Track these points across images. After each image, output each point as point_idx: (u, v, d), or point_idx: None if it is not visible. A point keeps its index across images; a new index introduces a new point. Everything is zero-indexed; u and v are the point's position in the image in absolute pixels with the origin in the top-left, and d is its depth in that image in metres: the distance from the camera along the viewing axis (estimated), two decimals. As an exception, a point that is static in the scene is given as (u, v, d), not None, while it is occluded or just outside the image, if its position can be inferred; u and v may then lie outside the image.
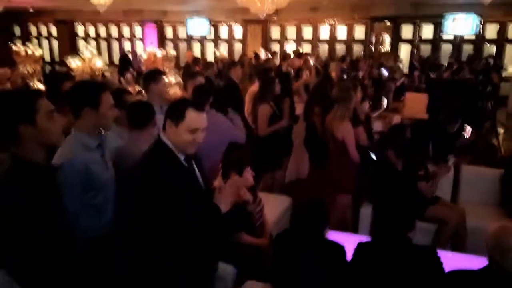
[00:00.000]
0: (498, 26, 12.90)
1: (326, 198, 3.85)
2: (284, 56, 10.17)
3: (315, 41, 14.77)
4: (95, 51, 7.03)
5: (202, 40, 16.06)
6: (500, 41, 12.98)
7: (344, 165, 4.07)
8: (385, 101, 7.56)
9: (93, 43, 16.91)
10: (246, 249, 2.73)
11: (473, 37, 12.81)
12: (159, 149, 1.91)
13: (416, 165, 3.79)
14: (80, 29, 17.74)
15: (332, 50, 14.44)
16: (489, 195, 3.73)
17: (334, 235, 2.54)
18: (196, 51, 15.78)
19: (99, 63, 6.40)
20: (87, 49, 6.57)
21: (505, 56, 12.80)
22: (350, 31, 14.36)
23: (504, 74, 11.37)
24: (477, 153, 5.36)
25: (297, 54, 10.28)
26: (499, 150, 5.27)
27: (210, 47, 16.04)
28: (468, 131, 4.79)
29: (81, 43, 16.89)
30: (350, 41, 14.40)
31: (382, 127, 6.13)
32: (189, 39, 16.14)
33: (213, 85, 5.21)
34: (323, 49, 14.52)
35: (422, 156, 3.90)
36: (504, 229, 1.89)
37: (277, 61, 10.97)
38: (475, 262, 2.15)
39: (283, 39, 15.21)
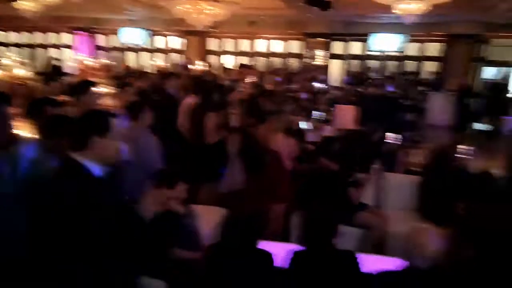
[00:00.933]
0: (419, 44, 14.12)
1: (262, 208, 3.90)
2: (225, 68, 10.26)
3: (252, 54, 15.09)
4: (18, 59, 6.56)
5: (137, 50, 15.67)
6: (420, 58, 14.20)
7: (278, 175, 4.16)
8: (317, 113, 7.89)
9: (20, 50, 15.79)
10: (179, 263, 2.67)
11: (397, 54, 13.88)
12: (66, 165, 1.88)
13: (345, 173, 3.99)
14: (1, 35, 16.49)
15: (268, 63, 14.83)
16: (409, 201, 4.00)
17: (266, 245, 2.58)
18: (131, 61, 15.36)
19: (21, 71, 5.97)
20: (7, 57, 6.12)
21: (423, 72, 14.00)
22: (286, 46, 14.89)
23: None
24: (398, 161, 5.76)
25: (242, 66, 10.41)
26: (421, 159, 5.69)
27: (145, 57, 15.70)
28: (391, 138, 5.14)
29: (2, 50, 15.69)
30: (286, 55, 14.90)
31: (315, 137, 6.38)
32: (124, 49, 15.68)
33: (148, 100, 5.08)
34: (260, 62, 14.87)
35: (350, 164, 4.12)
36: (417, 230, 2.04)
37: (216, 73, 11.03)
38: (396, 263, 2.29)
39: (220, 52, 15.35)
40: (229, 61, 14.76)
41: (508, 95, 11.85)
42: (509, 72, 15.08)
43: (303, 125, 5.87)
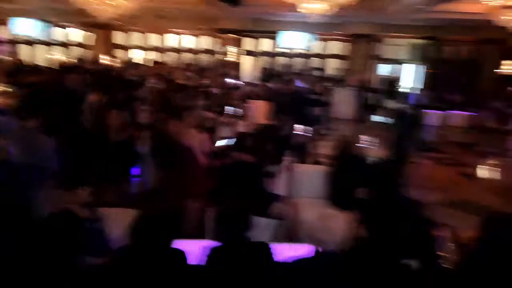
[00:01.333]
0: (323, 42, 14.99)
1: (176, 206, 3.79)
2: (133, 63, 9.77)
3: (162, 49, 14.63)
4: None
5: (32, 43, 14.20)
6: (323, 56, 15.11)
7: (192, 172, 4.08)
8: (230, 109, 7.91)
9: None
10: (85, 269, 2.47)
11: (304, 52, 14.57)
12: None
13: (259, 166, 4.06)
14: None
15: (179, 58, 14.51)
16: (318, 190, 4.21)
17: (181, 243, 2.50)
18: (26, 55, 13.87)
19: None
20: None
21: (327, 69, 14.92)
22: (197, 41, 14.70)
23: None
24: (308, 152, 6.06)
25: (155, 62, 10.01)
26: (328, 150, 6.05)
27: (42, 51, 14.30)
28: (301, 130, 5.35)
29: None
30: (197, 51, 14.72)
31: (229, 133, 6.39)
32: (17, 42, 14.09)
33: (42, 97, 4.60)
34: (171, 57, 14.49)
35: (263, 157, 4.20)
36: (325, 216, 2.14)
37: (123, 68, 10.46)
38: (308, 250, 2.37)
39: (128, 46, 14.61)
40: (138, 56, 14.13)
41: (399, 88, 13.16)
42: (400, 68, 16.79)
43: (216, 120, 5.84)
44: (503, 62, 14.82)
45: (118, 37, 14.49)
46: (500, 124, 11.30)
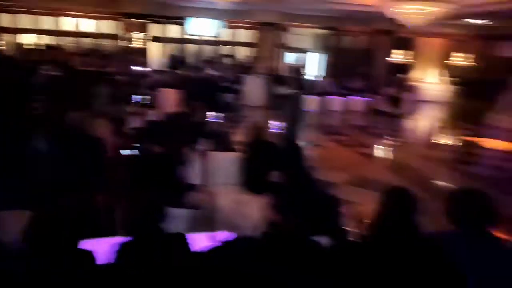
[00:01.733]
0: (232, 30, 15.03)
1: (84, 202, 3.50)
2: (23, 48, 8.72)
3: (58, 33, 13.32)
4: None
5: None
6: (233, 43, 15.18)
7: (99, 164, 3.81)
8: (138, 97, 7.55)
9: None
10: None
11: (214, 39, 14.45)
12: None
13: (171, 155, 3.92)
14: None
15: (77, 43, 13.38)
16: (232, 177, 4.23)
17: (88, 242, 2.31)
18: None
19: None
20: None
21: (237, 56, 15.03)
22: (98, 25, 13.66)
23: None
24: (221, 140, 6.06)
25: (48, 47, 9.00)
26: (236, 138, 6.11)
27: None
28: (213, 117, 5.30)
29: None
30: (99, 36, 13.71)
31: (138, 123, 6.09)
32: None
33: None
34: (66, 41, 13.27)
35: (176, 146, 4.07)
36: (241, 202, 2.14)
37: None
38: (226, 236, 2.36)
39: (17, 29, 13.03)
40: (29, 40, 12.69)
41: (305, 76, 13.79)
42: (305, 57, 17.60)
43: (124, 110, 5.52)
44: (393, 51, 16.42)
45: (4, 19, 12.83)
46: (393, 108, 12.54)
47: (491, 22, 14.81)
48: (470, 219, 2.07)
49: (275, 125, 4.65)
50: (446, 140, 10.15)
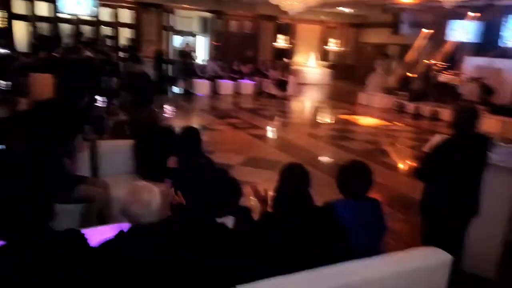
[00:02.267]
0: (112, 9, 13.95)
1: None
2: None
3: None
4: None
5: None
6: (115, 24, 14.14)
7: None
8: (2, 83, 6.59)
9: None
10: None
11: (91, 19, 13.24)
12: None
13: (53, 147, 3.52)
14: None
15: None
16: (125, 166, 4.01)
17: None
18: None
19: None
20: None
21: (120, 38, 14.08)
22: None
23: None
24: (108, 126, 5.67)
25: None
26: (125, 124, 5.75)
27: None
28: (98, 103, 4.91)
29: None
30: None
31: (5, 112, 5.34)
32: None
33: None
34: None
35: (58, 136, 3.67)
36: (136, 189, 2.04)
37: None
38: (123, 227, 2.23)
39: None
40: None
41: (194, 61, 13.63)
42: (194, 41, 17.35)
43: None
44: (278, 36, 17.20)
45: None
46: (279, 90, 13.22)
47: (358, 11, 16.48)
48: (356, 187, 2.35)
49: (168, 110, 4.52)
50: (327, 119, 11.11)
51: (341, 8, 15.80)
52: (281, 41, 17.37)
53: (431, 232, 2.90)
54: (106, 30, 14.00)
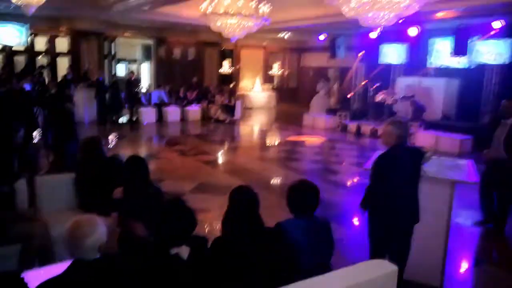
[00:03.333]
0: (47, 38, 13.44)
1: None
2: None
3: None
4: None
5: None
6: (51, 53, 13.60)
7: None
8: None
9: None
10: None
11: (25, 48, 12.67)
12: None
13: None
14: None
15: None
16: (67, 201, 3.78)
17: None
18: None
19: None
20: None
21: (58, 68, 13.53)
22: None
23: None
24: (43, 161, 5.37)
25: None
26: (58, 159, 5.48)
27: None
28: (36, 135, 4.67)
29: None
30: None
31: None
32: None
33: None
34: None
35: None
36: (75, 222, 1.94)
37: None
38: (65, 266, 2.09)
39: None
40: None
41: (139, 88, 13.38)
42: (138, 68, 17.11)
43: None
44: (223, 62, 17.44)
45: None
46: (227, 115, 13.30)
47: (298, 37, 17.24)
48: (304, 206, 2.41)
49: (110, 139, 4.36)
50: (275, 141, 11.32)
51: (281, 34, 16.44)
52: (226, 67, 17.64)
53: (377, 244, 3.03)
54: (43, 60, 13.42)
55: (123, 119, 12.55)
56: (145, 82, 16.21)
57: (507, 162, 4.51)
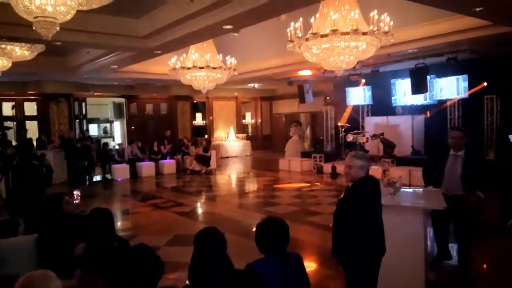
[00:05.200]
0: (13, 103, 13.30)
1: None
2: None
3: None
4: None
5: None
6: (19, 118, 13.40)
7: None
8: None
9: None
10: None
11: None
12: None
13: None
14: None
15: None
16: (29, 263, 3.53)
17: None
18: None
19: None
20: None
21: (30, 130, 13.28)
22: None
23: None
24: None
25: None
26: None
27: None
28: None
29: None
30: None
31: None
32: None
33: None
34: None
35: None
36: (27, 278, 1.79)
37: None
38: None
39: None
40: None
41: (110, 146, 13.23)
42: (110, 127, 17.04)
43: None
44: (196, 114, 17.62)
45: None
46: (202, 166, 13.20)
47: (266, 86, 17.74)
48: (273, 244, 2.32)
49: (75, 196, 4.19)
50: (251, 188, 11.21)
51: (251, 84, 16.89)
52: (199, 119, 17.81)
53: (350, 280, 2.92)
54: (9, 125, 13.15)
55: (96, 178, 12.26)
56: (118, 139, 16.09)
57: (465, 198, 4.08)
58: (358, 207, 2.80)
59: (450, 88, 10.74)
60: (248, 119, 19.65)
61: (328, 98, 14.08)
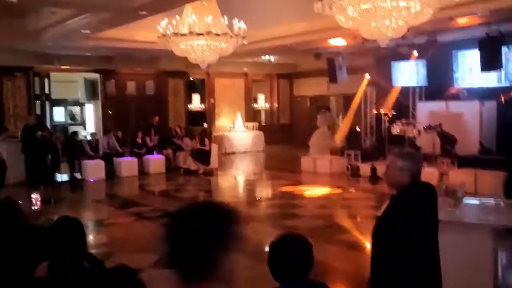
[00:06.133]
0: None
1: None
2: None
3: None
4: None
5: None
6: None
7: None
8: None
9: None
10: None
11: None
12: None
13: None
14: None
15: None
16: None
17: None
18: None
19: None
20: None
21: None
22: None
23: None
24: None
25: None
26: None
27: None
28: None
29: None
30: None
31: None
32: None
33: None
34: None
35: None
36: None
37: None
38: None
39: None
40: None
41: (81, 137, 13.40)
42: (80, 111, 17.20)
43: None
44: (192, 96, 17.68)
45: None
46: (200, 164, 13.28)
47: (285, 59, 17.66)
48: (291, 269, 2.32)
49: (34, 201, 4.27)
50: (265, 194, 11.24)
51: (266, 57, 16.84)
52: (196, 102, 17.87)
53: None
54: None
55: (61, 178, 12.42)
56: (91, 127, 16.26)
57: None
58: (400, 225, 2.78)
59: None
60: (261, 103, 19.65)
61: (368, 76, 13.97)
